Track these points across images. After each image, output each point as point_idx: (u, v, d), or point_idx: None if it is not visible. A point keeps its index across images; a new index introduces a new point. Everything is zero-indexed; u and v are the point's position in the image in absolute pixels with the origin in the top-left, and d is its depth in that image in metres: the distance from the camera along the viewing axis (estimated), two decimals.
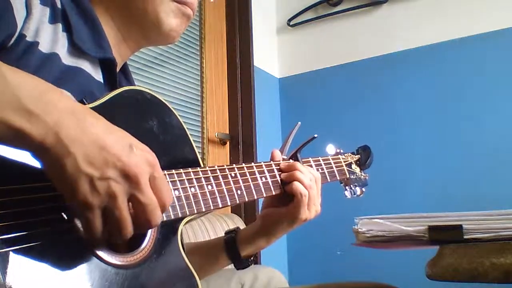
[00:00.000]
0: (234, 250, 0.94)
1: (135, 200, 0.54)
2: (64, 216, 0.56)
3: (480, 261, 0.57)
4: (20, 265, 0.50)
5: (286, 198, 0.90)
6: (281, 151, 0.98)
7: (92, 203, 0.52)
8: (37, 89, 0.51)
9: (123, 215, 0.53)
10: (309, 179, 0.90)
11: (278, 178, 0.90)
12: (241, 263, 0.95)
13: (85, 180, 0.51)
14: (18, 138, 0.49)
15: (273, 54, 2.70)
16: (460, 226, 0.61)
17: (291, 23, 2.65)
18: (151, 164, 0.56)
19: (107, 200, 0.52)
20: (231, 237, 0.95)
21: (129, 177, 0.53)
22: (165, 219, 0.65)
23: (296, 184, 0.89)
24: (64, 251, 0.55)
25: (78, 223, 0.57)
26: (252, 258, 0.97)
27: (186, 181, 0.71)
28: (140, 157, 0.54)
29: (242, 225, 1.86)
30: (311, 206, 0.90)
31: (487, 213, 0.62)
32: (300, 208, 0.89)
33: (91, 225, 0.53)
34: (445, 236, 0.62)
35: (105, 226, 0.54)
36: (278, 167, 0.92)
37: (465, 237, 0.60)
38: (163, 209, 0.57)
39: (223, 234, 0.98)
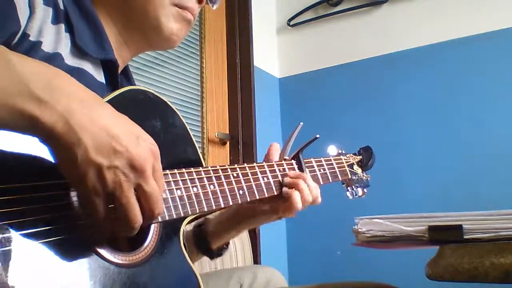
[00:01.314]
0: (204, 244, 0.96)
1: (140, 189, 0.56)
2: (67, 214, 0.57)
3: (480, 261, 0.57)
4: (22, 263, 0.51)
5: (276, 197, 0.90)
6: (283, 151, 0.98)
7: (99, 190, 0.53)
8: (46, 76, 0.52)
9: (131, 202, 0.55)
10: (309, 195, 0.89)
11: (280, 178, 0.91)
12: (213, 255, 0.98)
13: (94, 168, 0.52)
14: (30, 125, 0.51)
15: (273, 54, 2.70)
16: (460, 226, 0.61)
17: (291, 23, 2.65)
18: (154, 155, 0.58)
19: (113, 187, 0.54)
20: (201, 231, 0.97)
21: (135, 167, 0.55)
22: (167, 218, 0.66)
23: (296, 195, 0.88)
24: (66, 250, 0.55)
25: (80, 222, 0.57)
26: (224, 247, 0.99)
27: (188, 180, 0.71)
28: (145, 148, 0.56)
29: None
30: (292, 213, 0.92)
31: (487, 213, 0.62)
32: (287, 215, 0.91)
33: (95, 210, 0.54)
34: (445, 236, 0.62)
35: (113, 214, 0.55)
36: (279, 167, 0.92)
37: (465, 237, 0.60)
38: None
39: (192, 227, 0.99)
